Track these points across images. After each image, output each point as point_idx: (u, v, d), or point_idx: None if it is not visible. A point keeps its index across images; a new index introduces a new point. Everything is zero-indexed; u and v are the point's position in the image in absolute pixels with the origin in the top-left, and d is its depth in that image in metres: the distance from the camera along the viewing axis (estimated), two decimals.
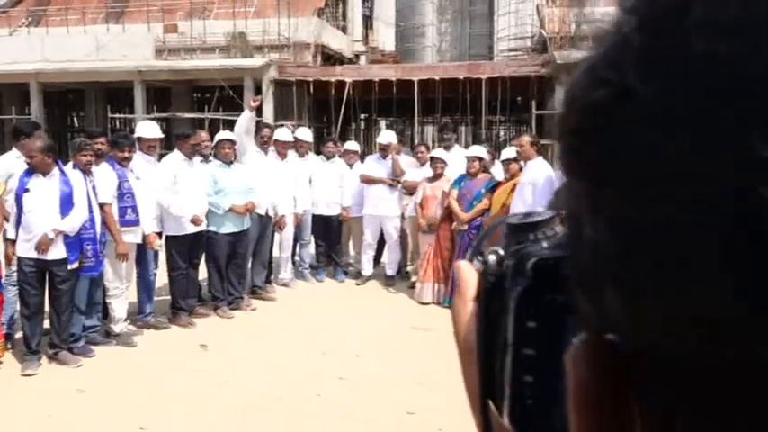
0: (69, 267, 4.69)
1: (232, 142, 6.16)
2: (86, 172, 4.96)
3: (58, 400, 4.22)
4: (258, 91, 19.21)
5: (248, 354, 5.17)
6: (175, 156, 5.84)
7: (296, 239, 7.43)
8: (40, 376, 4.62)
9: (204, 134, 6.66)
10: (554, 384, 0.28)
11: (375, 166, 7.37)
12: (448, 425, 3.90)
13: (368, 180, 7.26)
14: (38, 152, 4.64)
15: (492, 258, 0.32)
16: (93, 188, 4.99)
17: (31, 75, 20.01)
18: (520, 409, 0.32)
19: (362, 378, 4.67)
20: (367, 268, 7.49)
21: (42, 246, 4.56)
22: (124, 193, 5.25)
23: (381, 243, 7.63)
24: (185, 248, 5.78)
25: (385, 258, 7.69)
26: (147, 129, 5.78)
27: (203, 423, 3.89)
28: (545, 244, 0.31)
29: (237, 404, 4.18)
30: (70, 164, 4.98)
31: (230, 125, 6.58)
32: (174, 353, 5.17)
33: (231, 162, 6.16)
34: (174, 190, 5.66)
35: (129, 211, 5.28)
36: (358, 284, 7.38)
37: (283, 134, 7.07)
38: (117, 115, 20.89)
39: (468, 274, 0.35)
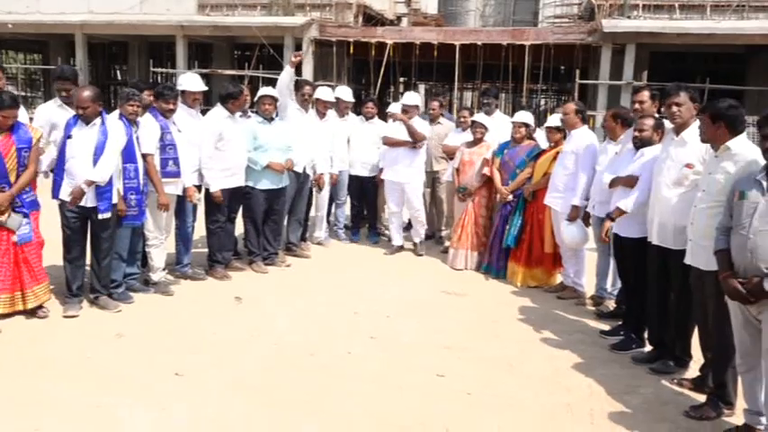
0: (100, 217, 4.73)
1: (273, 99, 6.14)
2: (132, 122, 5.02)
3: (97, 343, 4.36)
4: (298, 50, 19.10)
5: (281, 309, 5.25)
6: (220, 112, 5.84)
7: (332, 199, 7.46)
8: (81, 319, 4.77)
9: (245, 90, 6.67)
10: None
11: (399, 128, 7.04)
12: (476, 389, 3.92)
13: (391, 142, 7.02)
14: (89, 101, 4.68)
15: None
16: (137, 138, 5.05)
17: (76, 26, 20.21)
18: None
19: (393, 339, 4.70)
20: (396, 238, 7.28)
21: (75, 196, 4.64)
22: (166, 145, 5.30)
23: None
24: (225, 202, 5.83)
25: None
26: (192, 81, 5.80)
27: (236, 373, 3.98)
28: None
29: (270, 357, 4.26)
30: (114, 113, 5.04)
31: (270, 83, 6.54)
32: (209, 304, 5.27)
33: (272, 118, 6.16)
34: (219, 147, 5.68)
35: (171, 162, 5.34)
36: (386, 254, 7.16)
37: (325, 93, 7.02)
38: (159, 69, 21.00)
39: None
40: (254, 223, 6.21)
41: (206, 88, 6.06)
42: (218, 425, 3.36)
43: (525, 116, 6.51)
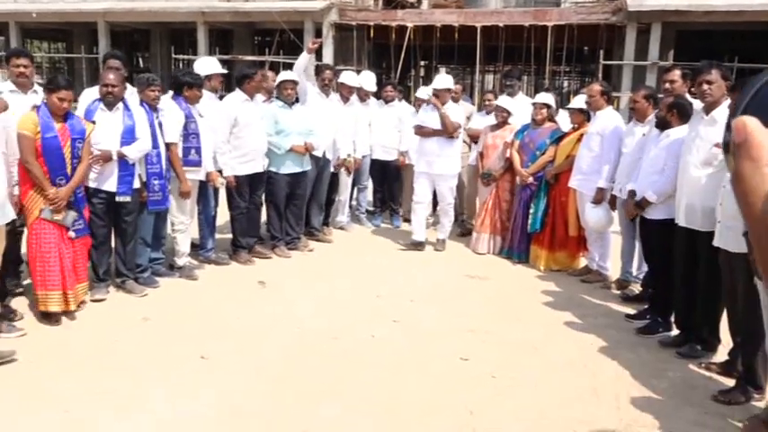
0: (118, 199, 4.74)
1: (294, 83, 6.11)
2: (153, 107, 5.04)
3: (124, 326, 4.42)
4: (318, 34, 19.04)
5: (304, 293, 5.27)
6: (237, 96, 5.84)
7: (354, 183, 7.44)
8: (108, 303, 4.84)
9: (271, 73, 6.64)
10: None
11: (431, 115, 6.45)
12: (501, 373, 3.90)
13: (423, 132, 6.47)
14: (119, 82, 4.65)
15: None
16: (160, 124, 5.07)
17: (99, 14, 20.40)
18: None
19: (416, 323, 4.70)
20: (418, 233, 6.59)
21: (102, 159, 4.59)
22: (189, 134, 5.30)
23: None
24: (245, 187, 5.85)
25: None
26: (213, 64, 5.76)
27: (260, 357, 4.01)
28: None
29: (293, 341, 4.28)
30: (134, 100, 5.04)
31: (290, 68, 6.51)
32: (233, 288, 5.32)
33: (293, 103, 6.15)
34: (235, 132, 5.68)
35: (193, 151, 5.34)
36: (403, 249, 6.64)
37: (349, 78, 6.95)
38: (180, 56, 21.11)
39: (762, 134, 0.30)
40: (277, 208, 6.22)
41: (224, 70, 6.07)
42: (242, 409, 3.39)
43: (546, 97, 6.38)
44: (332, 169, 6.79)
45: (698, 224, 3.95)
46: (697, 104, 4.17)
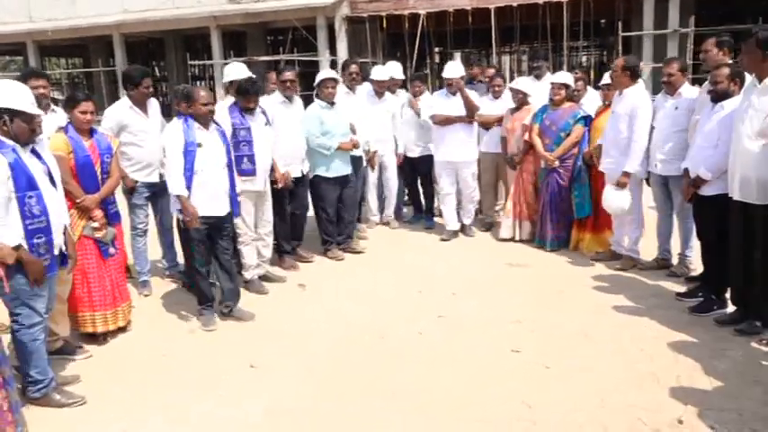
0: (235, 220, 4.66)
1: (335, 81, 5.88)
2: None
3: (171, 338, 4.41)
4: (331, 29, 18.94)
5: (344, 292, 5.22)
6: (275, 97, 5.68)
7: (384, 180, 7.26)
8: (155, 314, 4.83)
9: (272, 74, 6.23)
10: None
11: (445, 103, 6.44)
12: (554, 362, 3.82)
13: (443, 120, 6.41)
14: (210, 102, 4.38)
15: None
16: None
17: (112, 27, 20.53)
18: None
19: (461, 316, 4.62)
20: (451, 222, 6.70)
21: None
22: (239, 141, 5.00)
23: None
24: (284, 191, 5.63)
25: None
26: (241, 70, 5.59)
27: (308, 360, 3.96)
28: None
29: (339, 342, 4.24)
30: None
31: (305, 65, 6.39)
32: (275, 292, 5.27)
33: (333, 102, 5.90)
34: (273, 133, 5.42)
35: (246, 160, 5.05)
36: (444, 240, 6.63)
37: (380, 73, 6.80)
38: (196, 62, 21.19)
39: None
40: (327, 212, 6.04)
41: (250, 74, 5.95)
42: (293, 416, 3.34)
43: (565, 76, 6.22)
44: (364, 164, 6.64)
45: (753, 197, 3.80)
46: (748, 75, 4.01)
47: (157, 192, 5.22)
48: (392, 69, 7.11)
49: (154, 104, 5.23)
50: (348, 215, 6.23)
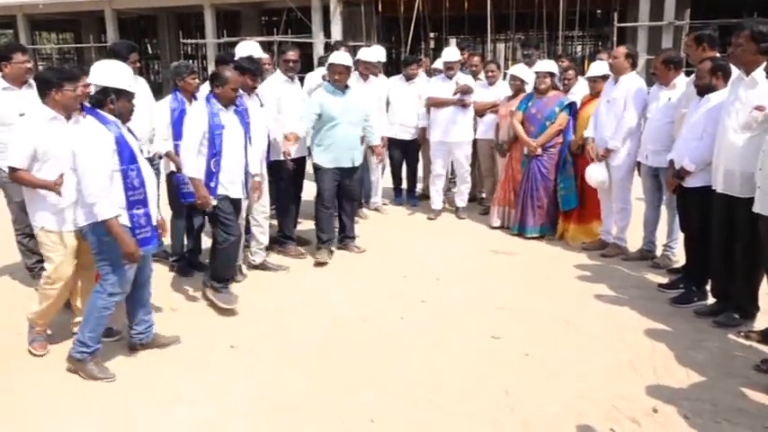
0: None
1: (347, 67, 5.41)
2: (189, 98, 4.73)
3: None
4: (326, 11, 18.81)
5: (331, 276, 5.22)
6: (277, 77, 5.56)
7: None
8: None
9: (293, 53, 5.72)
10: None
11: (442, 86, 6.64)
12: (535, 350, 3.84)
13: (436, 102, 6.61)
14: (236, 83, 4.29)
15: None
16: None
17: (104, 2, 20.29)
18: None
19: (444, 302, 4.64)
20: (437, 202, 6.96)
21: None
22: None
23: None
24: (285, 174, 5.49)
25: (454, 189, 7.23)
26: (255, 48, 5.47)
27: (290, 343, 3.97)
28: None
29: (322, 325, 4.24)
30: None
31: (300, 47, 6.22)
32: (260, 276, 5.25)
33: (347, 87, 5.45)
34: (277, 115, 5.34)
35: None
36: (430, 219, 6.87)
37: (368, 54, 6.56)
38: (188, 41, 20.97)
39: None
40: (321, 197, 5.59)
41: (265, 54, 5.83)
42: (275, 398, 3.35)
43: (549, 65, 6.23)
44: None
45: (737, 190, 3.82)
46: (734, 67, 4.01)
47: None
48: (378, 52, 6.98)
49: (141, 82, 5.16)
50: (344, 213, 5.83)
